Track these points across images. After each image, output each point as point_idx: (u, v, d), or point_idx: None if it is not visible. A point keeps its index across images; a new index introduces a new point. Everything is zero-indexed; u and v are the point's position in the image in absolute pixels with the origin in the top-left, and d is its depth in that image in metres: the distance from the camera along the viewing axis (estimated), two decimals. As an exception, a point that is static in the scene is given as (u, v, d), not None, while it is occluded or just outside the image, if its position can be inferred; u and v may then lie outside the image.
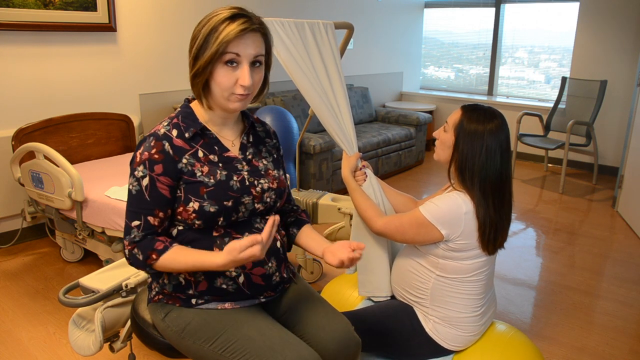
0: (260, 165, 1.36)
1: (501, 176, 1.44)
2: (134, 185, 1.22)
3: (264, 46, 1.24)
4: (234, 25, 1.16)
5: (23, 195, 3.02)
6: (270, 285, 1.33)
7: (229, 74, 1.19)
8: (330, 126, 1.69)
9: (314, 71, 1.70)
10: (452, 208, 1.43)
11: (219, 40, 1.16)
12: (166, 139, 1.23)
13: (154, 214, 1.22)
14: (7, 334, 2.23)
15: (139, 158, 1.22)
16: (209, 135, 1.29)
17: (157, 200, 1.22)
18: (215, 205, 1.23)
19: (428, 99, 6.20)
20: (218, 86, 1.20)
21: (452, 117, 1.51)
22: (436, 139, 1.56)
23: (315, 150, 3.82)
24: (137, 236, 1.22)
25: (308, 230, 1.47)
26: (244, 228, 1.29)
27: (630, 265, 3.05)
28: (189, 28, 3.76)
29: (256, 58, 1.21)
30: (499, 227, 1.45)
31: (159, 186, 1.21)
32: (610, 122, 4.94)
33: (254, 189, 1.30)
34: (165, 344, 1.35)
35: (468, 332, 1.54)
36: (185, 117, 1.29)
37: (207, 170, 1.25)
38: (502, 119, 1.46)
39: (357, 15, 5.25)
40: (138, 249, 1.22)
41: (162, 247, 1.21)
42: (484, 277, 1.52)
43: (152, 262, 1.21)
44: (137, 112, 3.57)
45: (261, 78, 1.26)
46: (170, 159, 1.22)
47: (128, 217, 1.24)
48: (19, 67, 2.95)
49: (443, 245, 1.47)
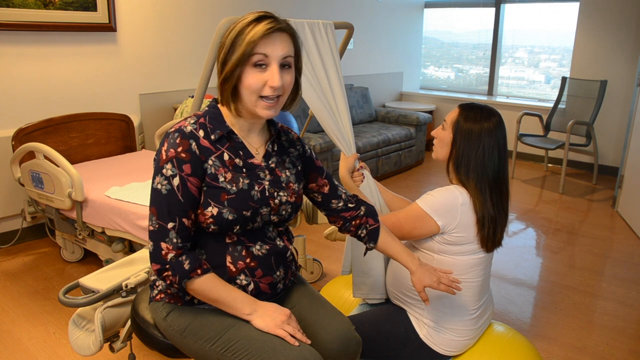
0: (282, 176, 1.33)
1: (499, 173, 1.46)
2: (163, 185, 1.17)
3: (292, 47, 1.21)
4: (260, 25, 1.14)
5: (23, 195, 3.02)
6: (275, 293, 1.34)
7: (257, 75, 1.16)
8: (329, 127, 1.69)
9: (313, 71, 1.70)
10: (448, 199, 1.44)
11: (246, 41, 1.13)
12: (193, 138, 1.20)
13: (187, 215, 1.19)
14: (7, 334, 2.23)
15: (165, 155, 1.18)
16: (234, 140, 1.27)
17: (189, 201, 1.19)
18: (235, 214, 1.21)
19: (428, 99, 6.21)
20: (247, 89, 1.17)
21: (449, 115, 1.52)
22: (435, 137, 1.56)
23: (315, 150, 3.82)
24: (178, 240, 1.18)
25: (387, 239, 1.44)
26: (256, 237, 1.29)
27: (630, 265, 3.05)
28: (189, 28, 3.76)
29: (285, 59, 1.18)
30: (498, 222, 1.46)
31: (189, 187, 1.19)
32: (610, 122, 4.94)
33: (273, 201, 1.29)
34: (165, 344, 1.35)
35: (463, 337, 1.53)
36: (212, 117, 1.25)
37: (230, 176, 1.23)
38: (499, 117, 1.48)
39: (357, 15, 5.25)
40: (187, 258, 1.18)
41: (207, 267, 1.21)
42: (479, 277, 1.51)
43: (194, 276, 1.19)
44: (137, 112, 3.57)
45: (292, 81, 1.22)
46: (197, 159, 1.19)
47: (161, 218, 1.18)
48: (19, 67, 2.95)
49: (438, 238, 1.47)
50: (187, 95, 3.75)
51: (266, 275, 1.29)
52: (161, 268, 1.19)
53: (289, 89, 1.23)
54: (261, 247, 1.29)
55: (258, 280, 1.28)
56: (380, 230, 1.44)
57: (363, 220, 1.44)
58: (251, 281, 1.27)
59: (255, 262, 1.27)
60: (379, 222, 1.45)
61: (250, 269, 1.27)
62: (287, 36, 1.19)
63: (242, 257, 1.26)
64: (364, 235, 1.44)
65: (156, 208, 1.19)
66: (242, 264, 1.26)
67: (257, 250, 1.28)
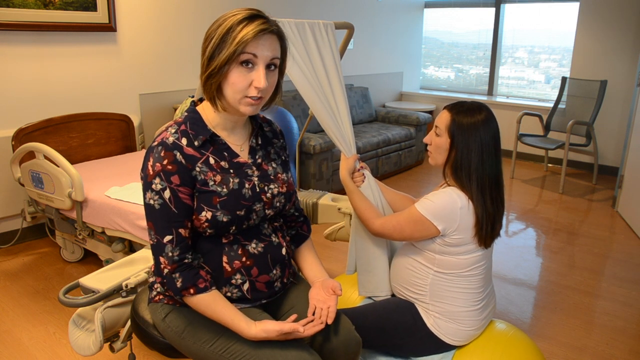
0: (269, 169, 1.34)
1: (497, 167, 1.47)
2: (155, 200, 1.18)
3: (279, 49, 1.21)
4: (252, 25, 1.14)
5: (23, 195, 3.02)
6: (272, 292, 1.34)
7: (243, 75, 1.16)
8: (329, 127, 1.69)
9: (314, 72, 1.70)
10: (447, 203, 1.44)
11: (237, 40, 1.13)
12: (177, 149, 1.20)
13: (184, 225, 1.20)
14: (7, 334, 2.23)
15: (152, 170, 1.18)
16: (218, 142, 1.27)
17: (184, 211, 1.20)
18: (229, 215, 1.22)
19: (428, 99, 6.21)
20: (231, 87, 1.17)
21: (440, 120, 1.51)
22: (428, 144, 1.56)
23: (315, 150, 3.82)
24: (175, 254, 1.19)
25: (306, 251, 1.47)
26: (252, 235, 1.29)
27: (630, 265, 3.05)
28: (189, 28, 3.76)
29: (272, 60, 1.19)
30: (496, 219, 1.48)
31: (181, 197, 1.19)
32: (610, 122, 4.94)
33: (265, 195, 1.29)
34: (165, 344, 1.35)
35: (469, 327, 1.55)
36: (193, 123, 1.25)
37: (219, 179, 1.23)
38: (488, 109, 1.49)
39: (357, 15, 5.25)
40: (180, 275, 1.19)
41: (203, 287, 1.21)
42: (481, 272, 1.53)
43: (186, 295, 1.20)
44: (137, 112, 3.57)
45: (275, 82, 1.23)
46: (184, 168, 1.19)
47: (158, 233, 1.19)
48: (19, 67, 2.95)
49: (439, 240, 1.49)
50: (187, 95, 3.75)
51: (262, 273, 1.29)
52: (161, 281, 1.24)
53: (271, 90, 1.24)
54: (257, 245, 1.29)
55: (254, 279, 1.28)
56: (306, 240, 1.48)
57: (298, 224, 1.49)
58: (247, 280, 1.27)
59: (251, 260, 1.27)
60: (309, 234, 1.50)
61: (246, 267, 1.27)
62: (276, 38, 1.19)
63: (238, 256, 1.26)
64: (292, 235, 1.48)
65: (152, 223, 1.20)
66: (238, 264, 1.26)
67: (253, 249, 1.28)
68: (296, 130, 3.70)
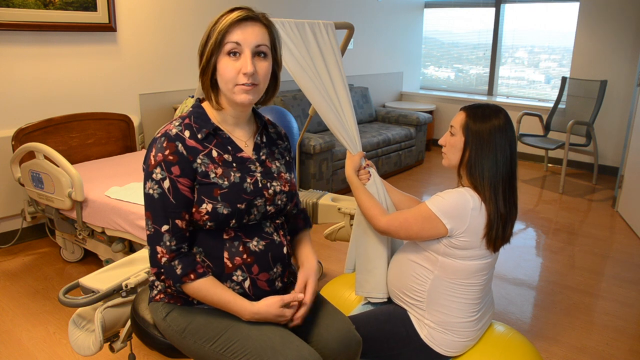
0: (273, 167, 1.35)
1: (512, 169, 1.46)
2: (154, 189, 1.20)
3: (267, 37, 1.23)
4: (233, 14, 1.19)
5: (23, 195, 3.02)
6: (273, 291, 1.34)
7: (231, 64, 1.19)
8: (334, 125, 1.69)
9: (316, 71, 1.70)
10: (459, 202, 1.42)
11: (217, 30, 1.18)
12: (179, 140, 1.22)
13: (181, 216, 1.21)
14: (7, 334, 2.23)
15: (153, 160, 1.20)
16: (221, 135, 1.28)
17: (182, 202, 1.21)
18: (229, 208, 1.22)
19: (428, 99, 6.21)
20: (222, 78, 1.21)
21: (456, 120, 1.50)
22: (443, 145, 1.55)
23: (315, 150, 3.82)
24: (172, 243, 1.20)
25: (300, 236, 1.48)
26: (254, 232, 1.29)
27: (630, 265, 3.05)
28: (189, 28, 3.76)
29: (259, 48, 1.21)
30: (508, 220, 1.45)
31: (180, 188, 1.20)
32: (610, 122, 4.94)
33: (267, 191, 1.30)
34: (165, 344, 1.35)
35: (464, 338, 1.53)
36: (197, 117, 1.28)
37: (221, 172, 1.24)
38: (505, 112, 1.48)
39: (357, 15, 5.25)
40: (179, 262, 1.21)
41: (202, 272, 1.22)
42: (482, 282, 1.51)
43: (187, 281, 1.21)
44: (137, 112, 3.57)
45: (268, 70, 1.24)
46: (185, 159, 1.21)
47: (155, 222, 1.21)
48: (19, 67, 2.95)
49: (445, 241, 1.46)
50: (187, 95, 3.75)
51: (263, 271, 1.29)
52: (157, 272, 1.23)
53: (265, 79, 1.25)
54: (258, 243, 1.29)
55: (255, 277, 1.28)
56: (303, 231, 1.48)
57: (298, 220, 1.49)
58: (247, 277, 1.28)
59: (252, 257, 1.28)
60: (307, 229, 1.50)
61: (247, 265, 1.27)
62: (260, 26, 1.22)
63: (239, 253, 1.26)
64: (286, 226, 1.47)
65: (150, 212, 1.21)
66: (239, 260, 1.26)
67: (254, 246, 1.28)
68: (296, 131, 3.70)
